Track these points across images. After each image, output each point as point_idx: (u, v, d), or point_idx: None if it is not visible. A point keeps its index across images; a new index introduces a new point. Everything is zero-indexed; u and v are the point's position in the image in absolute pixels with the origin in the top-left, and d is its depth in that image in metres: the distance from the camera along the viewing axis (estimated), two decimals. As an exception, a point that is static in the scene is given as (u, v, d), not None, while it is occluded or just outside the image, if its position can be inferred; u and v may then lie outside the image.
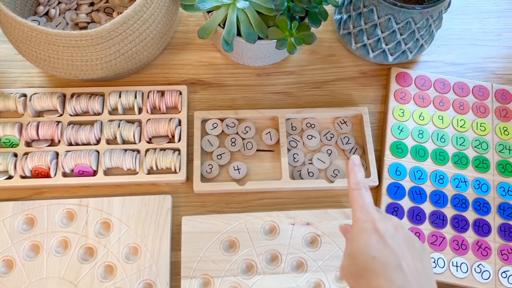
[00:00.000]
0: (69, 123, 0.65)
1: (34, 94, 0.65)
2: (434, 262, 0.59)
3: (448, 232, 0.61)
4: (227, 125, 0.67)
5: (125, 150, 0.63)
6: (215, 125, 0.66)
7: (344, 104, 0.70)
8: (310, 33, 0.59)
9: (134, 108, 0.66)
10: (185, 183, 0.64)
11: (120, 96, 0.66)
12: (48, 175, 0.62)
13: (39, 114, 0.66)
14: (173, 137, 0.65)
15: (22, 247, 0.58)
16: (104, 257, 0.58)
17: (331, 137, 0.67)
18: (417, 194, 0.62)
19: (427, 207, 0.62)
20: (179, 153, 0.64)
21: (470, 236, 0.61)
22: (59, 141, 0.64)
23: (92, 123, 0.65)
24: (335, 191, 0.64)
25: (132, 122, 0.65)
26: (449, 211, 0.62)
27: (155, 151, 0.63)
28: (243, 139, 0.66)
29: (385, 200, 0.62)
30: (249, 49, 0.64)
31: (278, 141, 0.66)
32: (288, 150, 0.66)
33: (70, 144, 0.64)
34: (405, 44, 0.66)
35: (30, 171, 0.62)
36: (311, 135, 0.66)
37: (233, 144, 0.66)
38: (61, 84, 0.69)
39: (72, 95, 0.66)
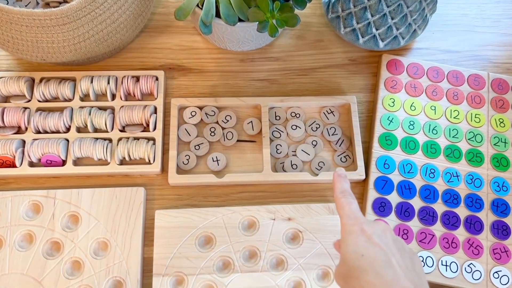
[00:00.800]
0: (37, 110, 0.61)
1: (0, 78, 0.61)
2: (422, 261, 0.55)
3: (438, 229, 0.57)
4: (206, 113, 0.63)
5: (96, 139, 0.59)
6: (193, 114, 0.63)
7: (332, 93, 0.66)
8: (294, 14, 0.55)
9: (107, 94, 0.61)
10: (160, 174, 0.60)
11: (92, 81, 0.62)
12: (13, 165, 0.58)
13: (6, 99, 0.62)
14: (148, 125, 0.61)
15: (-17, 241, 0.54)
16: (71, 253, 0.54)
17: (316, 128, 0.63)
18: (406, 189, 0.59)
19: (416, 203, 0.58)
20: (154, 143, 0.60)
21: (461, 233, 0.57)
22: (26, 129, 0.60)
23: (61, 109, 0.61)
24: (320, 184, 0.61)
25: (104, 109, 0.61)
26: (439, 207, 0.58)
27: (128, 140, 0.60)
28: (223, 128, 0.62)
29: (372, 195, 0.59)
30: (229, 32, 0.60)
31: (261, 131, 0.62)
32: (271, 141, 0.62)
33: (38, 132, 0.60)
34: (397, 29, 0.62)
35: (-6, 160, 0.58)
36: (296, 125, 0.63)
37: (213, 133, 0.62)
38: (30, 68, 0.65)
39: (41, 80, 0.62)
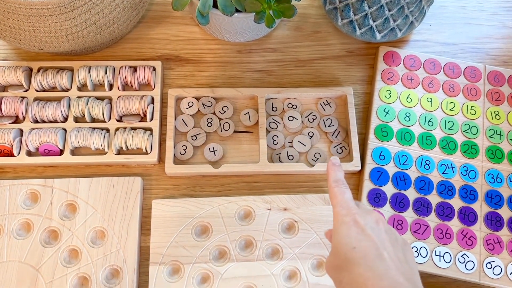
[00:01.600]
0: (34, 99, 0.61)
1: (-2, 67, 0.62)
2: (416, 251, 0.56)
3: (432, 220, 0.58)
4: (203, 104, 0.63)
5: (94, 129, 0.60)
6: (190, 104, 0.63)
7: (329, 84, 0.66)
8: (290, 5, 0.55)
9: (104, 84, 0.62)
10: (157, 164, 0.61)
11: (89, 71, 0.62)
12: (11, 154, 0.58)
13: (4, 89, 0.62)
14: (145, 115, 0.61)
15: (-18, 229, 0.55)
16: (69, 241, 0.55)
17: (313, 119, 0.63)
18: (401, 180, 0.59)
19: (411, 194, 0.59)
20: (151, 133, 0.60)
21: (455, 224, 0.58)
22: (24, 118, 0.60)
23: (59, 99, 0.61)
24: (315, 175, 0.61)
25: (101, 99, 0.62)
26: (434, 198, 0.59)
27: (125, 130, 0.60)
28: (220, 119, 0.63)
29: (367, 185, 0.59)
30: (227, 22, 0.60)
31: (257, 122, 0.62)
32: (268, 132, 0.62)
33: (36, 121, 0.60)
34: (394, 20, 0.62)
35: (-8, 149, 0.58)
36: (293, 117, 0.63)
37: (209, 124, 0.62)
38: (28, 57, 0.65)
39: (38, 69, 0.62)
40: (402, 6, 0.60)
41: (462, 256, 0.56)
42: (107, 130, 0.60)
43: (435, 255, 0.56)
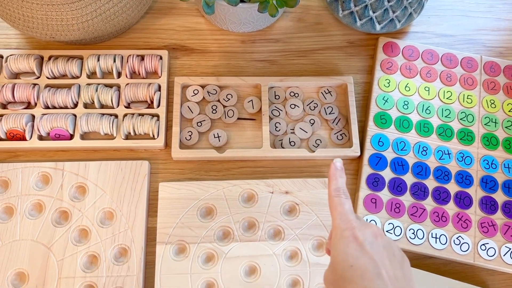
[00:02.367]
0: (46, 86, 0.63)
1: (11, 55, 0.64)
2: (413, 233, 0.58)
3: (429, 203, 0.60)
4: (208, 92, 0.65)
5: (102, 115, 0.62)
6: (196, 92, 0.65)
7: (330, 74, 0.68)
8: (293, -5, 0.57)
9: (112, 72, 0.64)
10: (163, 149, 0.63)
11: (98, 60, 0.64)
12: (23, 138, 0.61)
13: (16, 76, 0.65)
14: (152, 102, 0.63)
15: (-5, 210, 0.57)
16: (79, 221, 0.57)
17: (314, 107, 0.65)
18: (399, 165, 0.61)
19: (409, 179, 0.61)
20: (157, 119, 0.62)
21: (451, 208, 0.60)
22: (36, 104, 0.62)
23: (69, 86, 0.64)
24: (316, 161, 0.63)
25: (110, 86, 0.64)
26: (431, 183, 0.61)
27: (133, 116, 0.62)
28: (224, 106, 0.65)
29: (366, 170, 0.61)
30: (231, 13, 0.62)
31: (260, 109, 0.64)
32: (270, 119, 0.64)
33: (47, 107, 0.62)
34: (393, 12, 0.64)
35: (5, 133, 0.60)
36: (294, 104, 0.65)
37: (214, 111, 0.64)
38: (39, 46, 0.67)
39: (49, 58, 0.65)
40: (401, -3, 0.62)
41: (457, 238, 0.58)
42: (116, 116, 0.62)
43: (431, 237, 0.58)
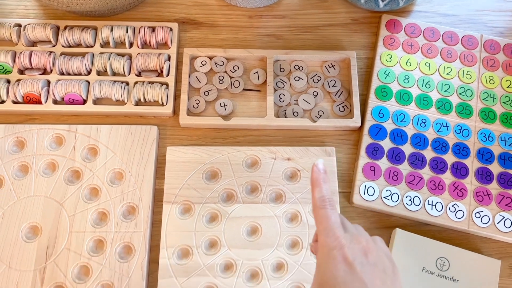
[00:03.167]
0: (61, 54, 0.66)
1: (28, 24, 0.67)
2: (410, 200, 0.60)
3: (426, 173, 0.62)
4: (215, 63, 0.68)
5: (114, 82, 0.65)
6: (203, 63, 0.68)
7: (334, 49, 0.70)
8: (299, -32, 0.59)
9: (125, 42, 0.67)
10: (171, 117, 0.66)
11: (112, 30, 0.67)
12: (39, 102, 0.64)
13: (33, 44, 0.68)
14: (162, 72, 0.66)
15: (12, 167, 0.60)
16: (90, 180, 0.60)
17: (318, 80, 0.68)
18: (398, 136, 0.64)
19: (407, 149, 0.63)
20: (166, 87, 0.65)
21: (447, 177, 0.62)
22: (51, 71, 0.65)
23: (83, 54, 0.67)
24: (318, 131, 0.66)
25: (122, 55, 0.67)
26: (428, 153, 0.63)
27: (143, 83, 0.65)
28: (230, 77, 0.67)
29: (366, 140, 0.63)
30: (239, -14, 0.65)
31: (265, 81, 0.67)
32: (275, 90, 0.67)
33: (62, 73, 0.65)
34: (396, -12, 0.66)
35: (22, 97, 0.63)
36: (299, 77, 0.67)
37: (221, 81, 0.67)
38: (55, 17, 0.70)
39: (65, 27, 0.67)
40: (404, -27, 0.64)
41: (452, 206, 0.60)
42: (127, 83, 0.65)
43: (428, 204, 0.60)
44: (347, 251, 0.40)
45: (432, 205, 0.60)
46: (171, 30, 0.68)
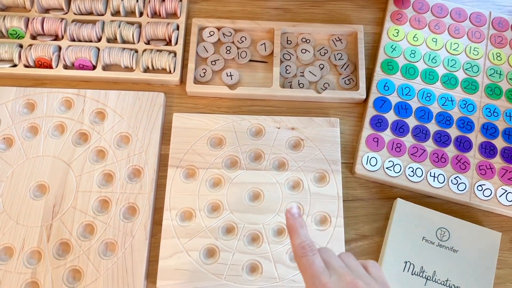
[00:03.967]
0: (72, 21, 0.68)
1: (42, -9, 0.68)
2: (412, 171, 0.61)
3: (429, 145, 0.62)
4: (223, 33, 0.68)
5: (124, 49, 0.66)
6: (211, 33, 0.68)
7: (341, 24, 0.71)
8: None
9: (135, 12, 0.68)
10: (178, 85, 0.67)
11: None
12: (50, 66, 0.65)
13: (46, 11, 0.69)
14: (170, 41, 0.67)
15: (22, 128, 0.61)
16: (97, 143, 0.61)
17: (325, 53, 0.68)
18: (402, 109, 0.64)
19: (411, 122, 0.63)
20: (174, 55, 0.66)
21: (450, 151, 0.62)
22: (62, 37, 0.67)
23: (94, 22, 0.68)
24: (323, 103, 0.66)
25: (132, 23, 0.68)
26: (432, 127, 0.63)
27: (152, 51, 0.66)
28: (238, 48, 0.68)
29: (371, 112, 0.64)
30: (249, -43, 0.66)
31: (272, 52, 0.68)
32: (281, 62, 0.67)
33: (73, 39, 0.67)
34: (405, -37, 0.66)
35: (34, 61, 0.65)
36: (305, 49, 0.68)
37: (228, 52, 0.68)
38: (68, -15, 0.71)
39: (77, -5, 0.69)
40: None
41: (455, 178, 0.60)
42: (136, 51, 0.66)
43: (430, 175, 0.60)
44: None
45: (434, 177, 0.60)
46: (180, 0, 0.69)
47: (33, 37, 0.67)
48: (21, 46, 0.66)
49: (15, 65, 0.65)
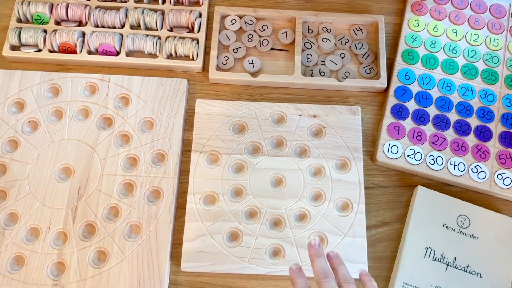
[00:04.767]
0: (96, 7, 0.68)
1: (66, -22, 0.69)
2: (433, 159, 0.61)
3: (450, 134, 0.63)
4: (245, 22, 0.69)
5: (147, 35, 0.66)
6: (233, 21, 0.69)
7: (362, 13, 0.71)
8: None
9: (158, -1, 0.69)
10: (201, 72, 0.67)
11: (146, -14, 0.69)
12: (74, 52, 0.66)
13: (69, -3, 0.70)
14: (193, 28, 0.68)
15: (47, 112, 0.62)
16: (121, 127, 0.62)
17: (345, 42, 0.69)
18: (423, 98, 0.64)
19: (432, 111, 0.64)
20: (197, 42, 0.67)
21: (471, 140, 0.63)
22: (86, 23, 0.67)
23: (118, 8, 0.68)
24: (344, 91, 0.67)
25: (155, 10, 0.68)
26: (453, 116, 0.64)
27: (175, 38, 0.66)
28: (259, 36, 0.69)
29: (392, 101, 0.64)
30: None
31: (294, 41, 0.68)
32: (302, 51, 0.68)
33: (96, 26, 0.67)
34: (427, -46, 0.67)
35: (58, 46, 0.66)
36: (326, 38, 0.69)
37: (250, 40, 0.68)
38: (91, -28, 0.72)
39: (101, -18, 0.70)
40: None
41: (475, 167, 0.61)
42: (159, 38, 0.67)
43: (450, 164, 0.61)
44: None
45: (454, 165, 0.61)
46: (203, -12, 0.69)
47: (57, 22, 0.68)
48: (45, 31, 0.66)
49: (39, 50, 0.66)
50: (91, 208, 0.58)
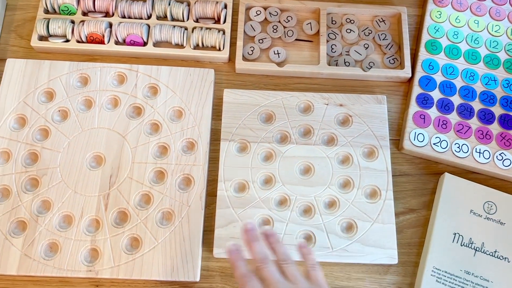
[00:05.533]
0: (123, -2, 0.69)
1: (92, -31, 0.69)
2: (458, 147, 0.62)
3: (474, 123, 0.64)
4: (270, 13, 0.70)
5: (174, 26, 0.67)
6: (258, 12, 0.70)
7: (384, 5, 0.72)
8: None
9: (184, -10, 0.69)
10: (227, 63, 0.68)
11: (171, -22, 0.69)
12: (102, 42, 0.66)
13: (96, -12, 0.70)
14: (219, 19, 0.68)
15: (76, 101, 0.63)
16: (151, 116, 0.62)
17: (369, 33, 0.70)
18: (447, 88, 0.65)
19: (456, 100, 0.65)
20: (223, 33, 0.67)
21: (495, 128, 0.64)
22: (113, 14, 0.68)
23: (144, 0, 0.69)
24: (369, 81, 0.68)
25: (181, 1, 0.69)
26: (476, 105, 0.65)
27: (201, 29, 0.67)
28: (284, 27, 0.70)
29: (416, 90, 0.65)
30: None
31: (318, 32, 0.69)
32: (327, 41, 0.69)
33: (123, 17, 0.68)
34: None
35: (86, 37, 0.66)
36: (350, 29, 0.69)
37: (275, 30, 0.69)
38: (116, -36, 0.73)
39: (126, -26, 0.70)
40: None
41: (500, 155, 0.62)
42: (185, 28, 0.67)
43: (475, 151, 0.62)
44: None
45: (480, 153, 0.62)
46: (228, -20, 0.70)
47: (84, 13, 0.68)
48: (72, 22, 0.67)
49: (67, 40, 0.66)
50: (123, 195, 0.58)
